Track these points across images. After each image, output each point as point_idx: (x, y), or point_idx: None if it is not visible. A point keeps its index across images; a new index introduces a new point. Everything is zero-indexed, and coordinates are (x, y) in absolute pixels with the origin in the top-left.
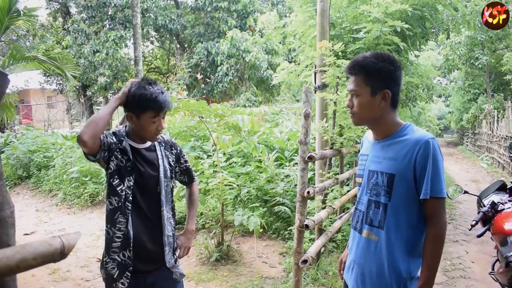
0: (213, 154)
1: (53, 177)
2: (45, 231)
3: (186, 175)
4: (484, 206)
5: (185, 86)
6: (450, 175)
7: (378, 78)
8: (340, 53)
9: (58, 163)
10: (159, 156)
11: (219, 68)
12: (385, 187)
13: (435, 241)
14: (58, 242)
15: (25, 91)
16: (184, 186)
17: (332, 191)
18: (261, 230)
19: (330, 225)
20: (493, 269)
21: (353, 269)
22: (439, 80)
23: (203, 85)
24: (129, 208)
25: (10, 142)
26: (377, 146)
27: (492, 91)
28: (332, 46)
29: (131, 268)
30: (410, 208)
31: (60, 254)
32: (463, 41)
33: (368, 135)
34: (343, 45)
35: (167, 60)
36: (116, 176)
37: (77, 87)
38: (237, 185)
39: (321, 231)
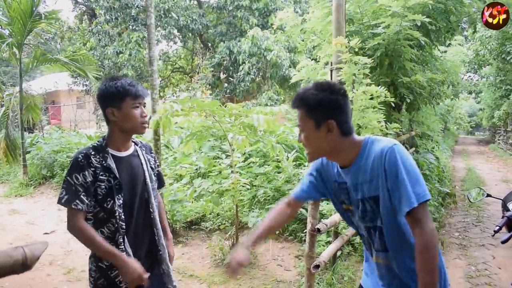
0: (232, 154)
1: None
2: (64, 231)
3: (158, 180)
4: (509, 210)
5: (208, 86)
6: (480, 175)
7: (320, 110)
8: (358, 50)
9: None
10: (143, 161)
11: (240, 67)
12: (374, 210)
13: (425, 253)
14: (20, 254)
15: (55, 93)
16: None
17: None
18: (277, 232)
19: (346, 228)
20: None
21: None
22: (469, 75)
23: (226, 84)
24: (123, 226)
25: (37, 142)
26: (348, 173)
27: None
28: (348, 42)
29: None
30: (400, 223)
31: (22, 265)
32: (494, 35)
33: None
34: (362, 41)
35: (191, 59)
36: (109, 199)
37: None
38: (254, 186)
39: (337, 235)
